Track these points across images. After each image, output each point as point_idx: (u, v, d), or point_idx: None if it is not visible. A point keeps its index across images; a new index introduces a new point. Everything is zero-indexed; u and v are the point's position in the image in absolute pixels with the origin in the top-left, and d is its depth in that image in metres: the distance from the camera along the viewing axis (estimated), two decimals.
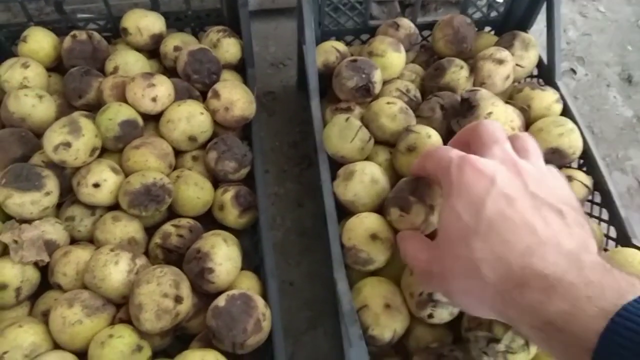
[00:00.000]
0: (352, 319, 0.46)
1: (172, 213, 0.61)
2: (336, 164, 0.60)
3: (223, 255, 0.53)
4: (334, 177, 0.58)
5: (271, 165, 0.77)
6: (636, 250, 0.54)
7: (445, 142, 0.60)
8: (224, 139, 0.63)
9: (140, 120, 0.62)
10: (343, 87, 0.64)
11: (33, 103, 0.61)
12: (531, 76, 0.76)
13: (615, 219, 0.60)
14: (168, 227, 0.57)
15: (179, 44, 0.70)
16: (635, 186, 0.82)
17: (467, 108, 0.59)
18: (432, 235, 0.43)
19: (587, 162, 0.64)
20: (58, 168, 0.57)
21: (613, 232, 0.60)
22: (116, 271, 0.50)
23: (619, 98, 0.92)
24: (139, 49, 0.72)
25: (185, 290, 0.50)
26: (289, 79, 0.88)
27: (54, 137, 0.55)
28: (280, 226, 0.72)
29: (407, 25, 0.72)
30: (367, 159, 0.60)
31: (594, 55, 0.98)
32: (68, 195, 0.59)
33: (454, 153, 0.40)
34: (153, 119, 0.65)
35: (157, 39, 0.71)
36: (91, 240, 0.58)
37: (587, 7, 1.06)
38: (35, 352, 0.47)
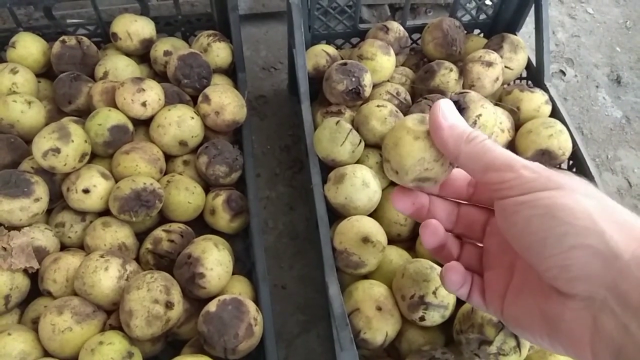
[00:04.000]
0: (343, 322, 0.46)
1: (163, 218, 0.61)
2: (327, 167, 0.60)
3: (214, 260, 0.52)
4: (325, 181, 0.58)
5: (263, 169, 0.77)
6: None
7: None
8: (215, 143, 0.62)
9: (130, 125, 0.62)
10: (333, 90, 0.64)
11: (22, 109, 0.61)
12: (520, 78, 0.76)
13: None
14: (159, 232, 0.57)
15: (169, 48, 0.70)
16: (626, 186, 0.83)
17: None
18: None
19: (576, 163, 0.65)
20: (47, 174, 0.57)
21: None
22: (106, 277, 0.50)
23: (608, 99, 0.93)
24: (129, 53, 0.71)
25: (176, 295, 0.50)
26: (281, 82, 0.88)
27: (43, 143, 0.55)
28: (272, 230, 0.71)
29: (396, 28, 0.72)
30: (358, 162, 0.60)
31: (583, 57, 0.99)
32: (58, 202, 0.59)
33: None
34: (143, 124, 0.64)
35: (147, 44, 0.71)
36: (81, 247, 0.57)
37: (576, 9, 1.07)
38: None
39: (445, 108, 0.32)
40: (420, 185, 0.35)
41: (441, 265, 0.52)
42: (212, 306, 0.49)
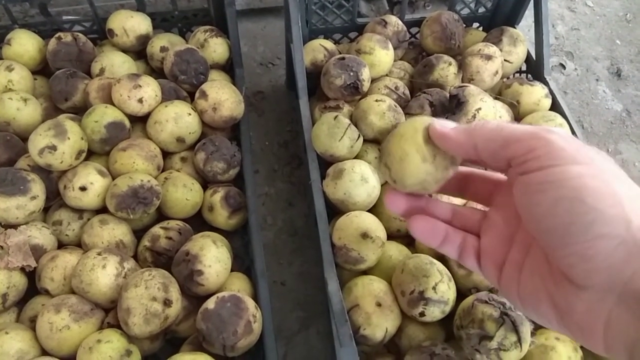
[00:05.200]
0: (342, 319, 0.46)
1: (161, 215, 0.61)
2: (326, 162, 0.60)
3: (212, 257, 0.52)
4: (323, 176, 0.58)
5: (261, 165, 0.76)
6: None
7: None
8: (213, 140, 0.62)
9: (127, 122, 0.61)
10: (331, 85, 0.63)
11: (18, 106, 0.60)
12: (520, 71, 0.76)
13: None
14: (157, 229, 0.57)
15: (165, 44, 0.69)
16: None
17: (456, 104, 0.59)
18: None
19: None
20: (44, 172, 0.56)
21: None
22: (104, 275, 0.49)
23: (609, 92, 0.93)
24: (125, 50, 0.71)
25: (174, 293, 0.50)
26: (278, 78, 0.87)
27: (39, 141, 0.54)
28: (271, 226, 0.71)
29: (395, 22, 0.72)
30: (357, 157, 0.60)
31: (583, 50, 0.98)
32: (55, 199, 0.59)
33: None
34: (140, 121, 0.64)
35: (144, 40, 0.71)
36: (79, 245, 0.57)
37: (576, 2, 1.06)
38: (22, 359, 0.47)
39: (439, 122, 0.32)
40: (413, 191, 0.35)
41: (441, 261, 0.52)
42: (210, 303, 0.49)
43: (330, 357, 0.61)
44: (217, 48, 0.70)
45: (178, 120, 0.61)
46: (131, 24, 0.69)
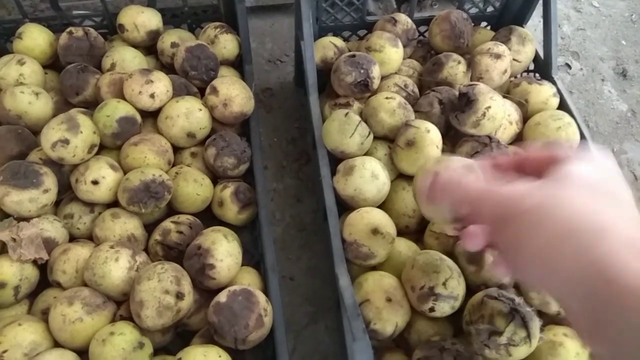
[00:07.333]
0: (355, 313, 0.46)
1: (172, 210, 0.61)
2: (335, 159, 0.60)
3: (224, 251, 0.52)
4: (333, 173, 0.58)
5: (270, 161, 0.77)
6: None
7: (443, 137, 0.60)
8: (223, 135, 0.62)
9: (138, 117, 0.62)
10: (342, 82, 0.64)
11: (29, 100, 0.61)
12: (527, 71, 0.76)
13: None
14: (168, 223, 0.57)
15: (176, 40, 0.70)
16: (631, 179, 0.83)
17: (465, 102, 0.59)
18: None
19: None
20: (56, 165, 0.57)
21: None
22: (116, 268, 0.50)
23: (614, 92, 0.93)
24: (135, 45, 0.71)
25: (187, 286, 0.50)
26: (286, 75, 0.87)
27: (51, 134, 0.54)
28: (280, 222, 0.72)
29: (404, 20, 0.72)
30: (367, 153, 0.60)
31: (589, 50, 0.99)
32: (66, 193, 0.59)
33: None
34: (151, 116, 0.64)
35: (154, 36, 0.71)
36: (90, 238, 0.57)
37: (582, 2, 1.07)
38: (35, 351, 0.47)
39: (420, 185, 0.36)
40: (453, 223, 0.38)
41: (451, 257, 0.52)
42: (222, 297, 0.49)
43: (338, 351, 0.61)
44: (227, 44, 0.71)
45: (189, 115, 0.61)
46: (142, 19, 0.69)
